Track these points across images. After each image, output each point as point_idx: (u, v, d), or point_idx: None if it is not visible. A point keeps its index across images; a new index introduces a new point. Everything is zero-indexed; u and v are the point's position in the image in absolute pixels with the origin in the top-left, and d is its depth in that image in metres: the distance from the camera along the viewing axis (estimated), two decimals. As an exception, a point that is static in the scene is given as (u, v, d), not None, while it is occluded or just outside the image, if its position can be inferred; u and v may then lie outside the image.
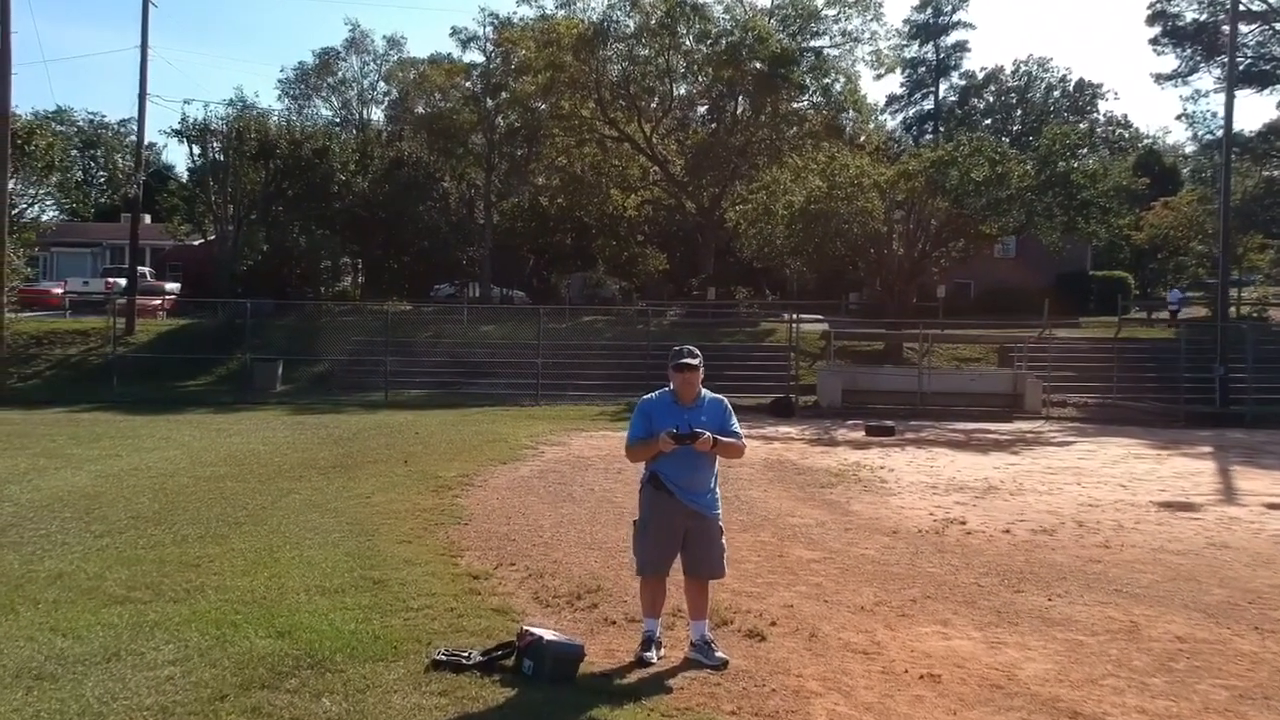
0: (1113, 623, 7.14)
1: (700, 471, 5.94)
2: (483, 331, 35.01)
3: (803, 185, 32.49)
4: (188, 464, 14.30)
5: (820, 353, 32.36)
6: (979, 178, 28.71)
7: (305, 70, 69.92)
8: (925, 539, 10.10)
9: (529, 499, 11.89)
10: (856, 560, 8.99)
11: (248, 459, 14.96)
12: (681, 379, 5.98)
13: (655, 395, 6.13)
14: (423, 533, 9.56)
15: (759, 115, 45.63)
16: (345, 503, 11.13)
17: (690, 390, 5.99)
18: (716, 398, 6.11)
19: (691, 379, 5.98)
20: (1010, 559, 9.22)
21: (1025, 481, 14.56)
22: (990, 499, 12.87)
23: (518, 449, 17.11)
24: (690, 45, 45.33)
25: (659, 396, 6.10)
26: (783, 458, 16.92)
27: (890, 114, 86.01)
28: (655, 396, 6.12)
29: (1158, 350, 32.66)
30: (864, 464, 16.24)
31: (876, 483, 14.17)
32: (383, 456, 15.51)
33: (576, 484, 13.22)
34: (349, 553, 8.51)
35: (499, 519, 10.53)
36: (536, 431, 19.99)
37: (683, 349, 6.07)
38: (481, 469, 14.34)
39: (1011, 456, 18.07)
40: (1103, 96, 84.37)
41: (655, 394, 6.15)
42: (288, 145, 37.09)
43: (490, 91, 46.26)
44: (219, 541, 8.93)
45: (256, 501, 11.13)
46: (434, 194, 44.62)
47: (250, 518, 10.13)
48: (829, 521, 10.95)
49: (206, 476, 13.05)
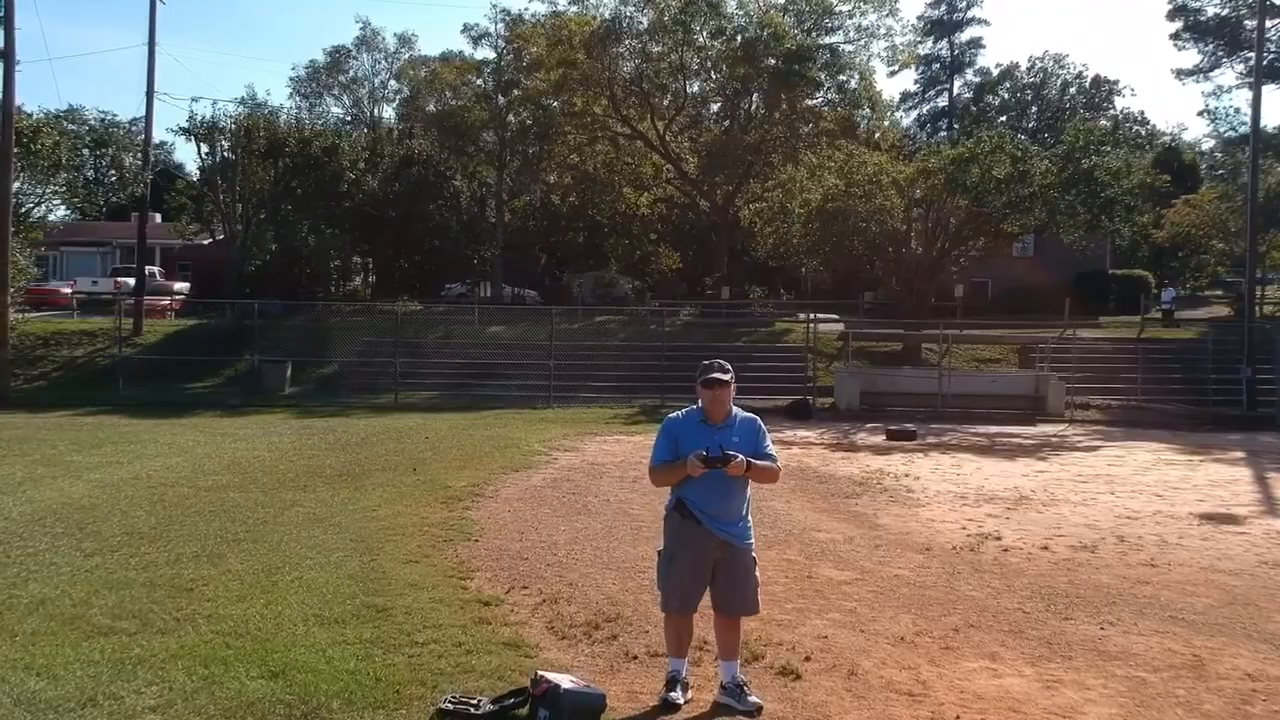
0: (1174, 656, 6.60)
1: (731, 498, 5.41)
2: (493, 332, 34.53)
3: (819, 183, 31.92)
4: (190, 472, 13.84)
5: (837, 353, 31.82)
6: (1000, 175, 28.07)
7: (317, 68, 69.50)
8: (960, 557, 9.56)
9: (542, 511, 11.39)
10: (890, 582, 8.46)
11: (252, 467, 14.50)
12: (711, 396, 5.43)
13: (682, 414, 5.61)
14: (430, 551, 9.06)
15: (773, 113, 45.05)
16: (350, 516, 10.64)
17: (720, 408, 5.45)
18: (749, 416, 5.58)
19: (722, 396, 5.44)
20: (1053, 580, 8.68)
21: (1057, 491, 14.01)
22: (1023, 511, 12.32)
23: (530, 455, 16.63)
24: (704, 42, 44.75)
25: (686, 415, 5.57)
26: (804, 464, 16.39)
27: (904, 111, 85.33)
28: (682, 415, 5.59)
29: (1182, 351, 32.01)
30: (888, 471, 15.71)
31: (903, 492, 13.63)
32: (391, 464, 15.04)
33: (591, 494, 12.72)
34: (351, 575, 8.02)
35: (511, 534, 10.03)
36: (549, 436, 19.51)
37: (712, 363, 5.51)
38: (492, 477, 13.85)
39: (1039, 463, 17.52)
40: (1119, 93, 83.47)
41: (682, 412, 5.62)
42: (296, 143, 36.64)
43: (502, 89, 45.77)
44: (215, 561, 8.44)
45: (258, 515, 10.65)
46: (445, 193, 44.08)
47: (250, 534, 9.65)
48: (857, 537, 10.42)
49: (208, 486, 12.59)
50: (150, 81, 32.59)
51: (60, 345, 31.62)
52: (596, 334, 34.30)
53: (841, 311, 40.70)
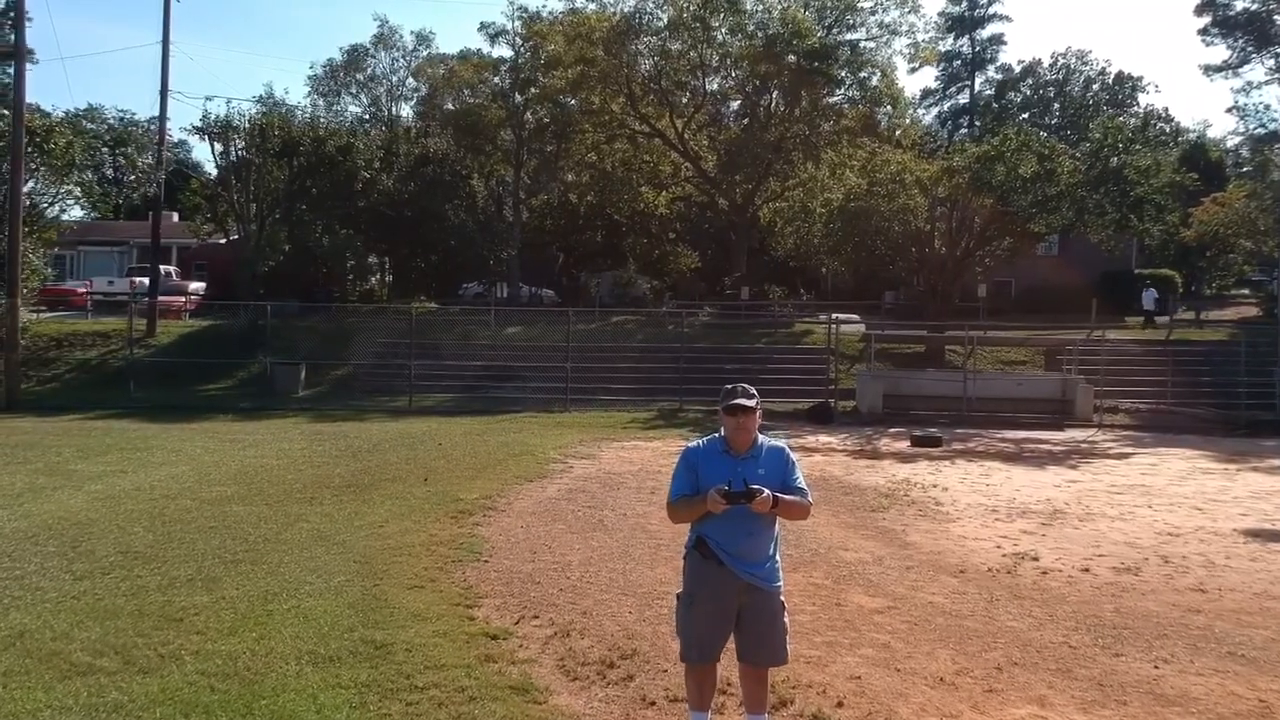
0: (1238, 701, 6.07)
1: (757, 536, 4.90)
2: (510, 333, 34.08)
3: (841, 182, 31.31)
4: (194, 483, 13.43)
5: (859, 355, 31.26)
6: (1027, 173, 27.40)
7: (335, 67, 69.22)
8: (997, 580, 9.04)
9: (556, 527, 10.92)
10: (925, 610, 7.95)
11: (258, 477, 14.08)
12: (735, 424, 4.92)
13: (702, 442, 5.11)
14: (437, 574, 8.59)
15: (794, 110, 44.44)
16: (355, 534, 10.19)
17: (745, 437, 4.95)
18: (777, 446, 5.07)
19: (747, 423, 4.93)
20: (1098, 608, 8.16)
21: (1092, 504, 13.45)
22: (1059, 526, 11.78)
23: (545, 463, 16.17)
24: (724, 39, 44.18)
25: (707, 444, 5.07)
26: (826, 473, 15.87)
27: (924, 109, 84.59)
28: (703, 444, 5.09)
29: (1212, 353, 31.30)
30: (914, 481, 15.18)
31: (931, 505, 13.11)
32: (401, 473, 14.60)
33: (607, 507, 12.24)
34: (352, 603, 7.55)
35: (523, 554, 9.56)
36: (565, 442, 19.05)
37: (736, 387, 5.00)
38: (506, 489, 13.39)
39: (1070, 472, 16.95)
40: (1143, 90, 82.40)
41: (702, 441, 5.13)
42: (311, 142, 36.22)
43: (519, 86, 45.27)
44: (210, 587, 8.00)
45: (259, 532, 10.21)
46: (461, 192, 43.59)
47: (250, 553, 9.21)
48: (886, 557, 9.90)
49: (211, 499, 12.17)
50: (164, 79, 32.30)
51: (73, 346, 31.35)
52: (614, 335, 33.81)
53: (862, 312, 40.10)
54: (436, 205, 40.65)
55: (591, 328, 33.91)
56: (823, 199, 31.35)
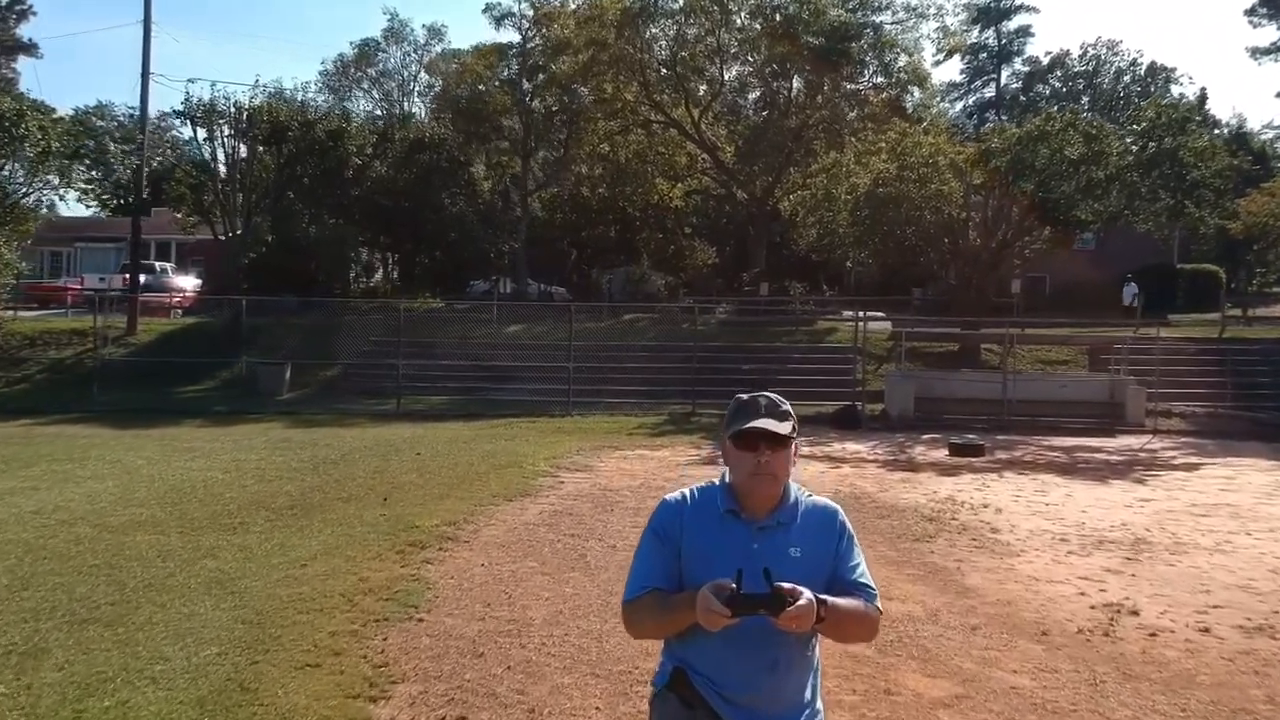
0: None
1: (785, 673, 2.70)
2: (512, 332, 31.94)
3: (868, 167, 29.00)
4: (109, 504, 11.34)
5: (887, 355, 29.00)
6: (1074, 155, 25.03)
7: (345, 62, 67.51)
8: (1093, 647, 6.83)
9: (525, 565, 8.77)
10: (1007, 701, 5.75)
11: (191, 495, 11.98)
12: (753, 464, 2.69)
13: (691, 494, 2.86)
14: (348, 641, 6.44)
15: (815, 96, 42.20)
16: (265, 577, 8.04)
17: (769, 489, 2.71)
18: (822, 505, 2.82)
19: (774, 464, 2.68)
20: (1240, 691, 5.96)
21: (1178, 530, 11.23)
22: (1148, 562, 9.56)
23: (533, 477, 14.04)
24: (743, 22, 41.98)
25: (700, 498, 2.83)
26: (858, 489, 13.69)
27: (949, 103, 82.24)
28: (691, 497, 2.84)
29: (1270, 352, 28.92)
30: (961, 500, 12.96)
31: (986, 532, 10.89)
32: (360, 491, 12.49)
33: (594, 535, 10.10)
34: (203, 698, 5.39)
35: (473, 606, 7.41)
36: (560, 451, 16.91)
37: (756, 398, 2.76)
38: (478, 510, 11.26)
39: (1138, 487, 14.70)
40: (1176, 81, 79.71)
41: (691, 492, 2.87)
42: (299, 126, 34.07)
43: (526, 73, 43.07)
44: (24, 665, 5.86)
45: (149, 573, 8.11)
46: (459, 180, 41.26)
47: (115, 608, 7.09)
48: (943, 610, 7.70)
49: (117, 525, 10.08)
50: (145, 63, 30.33)
51: (48, 345, 29.40)
52: (623, 334, 31.61)
53: (889, 309, 37.74)
54: (433, 194, 38.34)
55: (600, 326, 31.71)
56: (848, 185, 29.04)
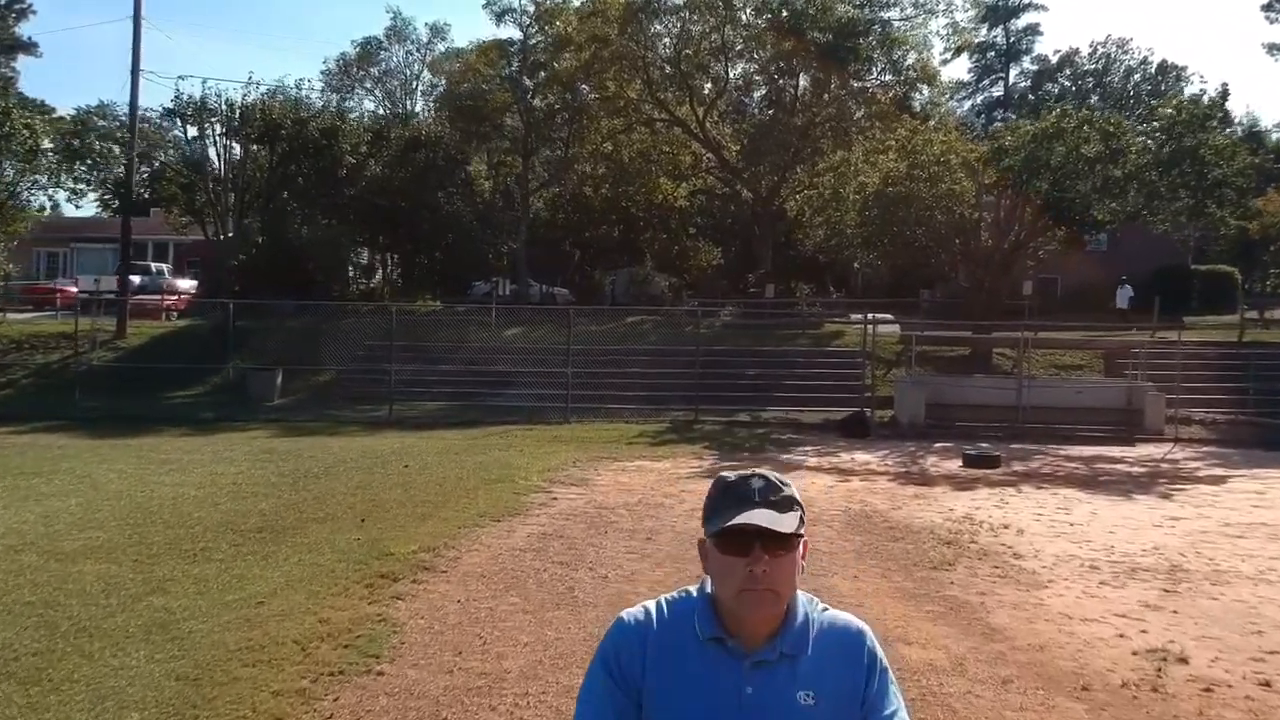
0: None
1: None
2: (510, 335, 31.13)
3: (877, 166, 28.13)
4: (67, 525, 10.57)
5: (896, 359, 28.18)
6: (1090, 153, 24.16)
7: (347, 61, 66.80)
8: (1141, 706, 6.02)
9: (506, 601, 7.98)
10: (1050, 780, 4.96)
11: (156, 516, 11.20)
12: (744, 574, 1.93)
13: (660, 610, 2.12)
14: (292, 703, 5.65)
15: (822, 94, 41.35)
16: (215, 619, 7.25)
17: (766, 611, 1.98)
18: (842, 626, 2.11)
19: (776, 575, 1.94)
20: (1319, 768, 5.16)
21: (1214, 554, 10.43)
22: (1189, 595, 8.74)
23: (524, 492, 13.27)
24: (748, 18, 41.13)
25: (671, 615, 2.10)
26: (868, 506, 12.89)
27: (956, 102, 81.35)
28: (659, 616, 2.11)
29: (1292, 357, 28.05)
30: (979, 519, 12.16)
31: (1009, 557, 10.08)
32: (339, 509, 11.71)
33: (586, 563, 9.31)
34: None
35: (442, 655, 6.61)
36: (556, 463, 16.14)
37: (744, 480, 2.01)
38: (461, 533, 10.48)
39: (1165, 504, 13.90)
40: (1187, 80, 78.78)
41: (660, 605, 2.13)
42: (293, 124, 33.23)
43: (528, 70, 42.20)
44: (-86, 736, 5.12)
45: (87, 612, 7.32)
46: (456, 179, 40.34)
47: (36, 659, 6.30)
48: (969, 657, 6.88)
49: (68, 552, 9.30)
50: (135, 59, 29.58)
51: (35, 349, 28.69)
52: (624, 337, 30.77)
53: (896, 311, 36.86)
54: (428, 193, 37.43)
55: (601, 329, 30.89)
56: (856, 184, 28.17)
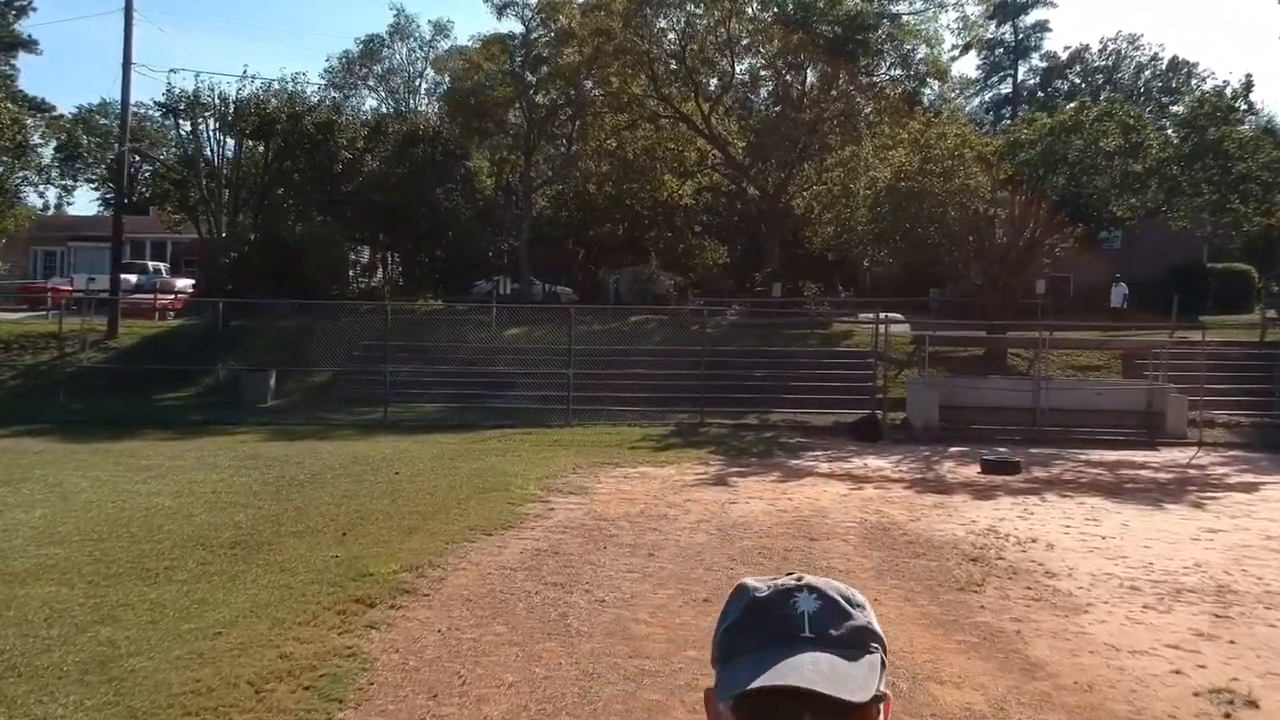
0: None
1: None
2: (509, 335, 30.34)
3: (887, 161, 27.30)
4: (26, 540, 9.84)
5: (908, 360, 27.35)
6: (1109, 147, 23.32)
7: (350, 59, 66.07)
8: (1214, 762, 5.26)
9: (493, 629, 7.22)
10: None
11: (124, 529, 10.46)
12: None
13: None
14: (236, 762, 4.91)
15: (830, 89, 40.51)
16: (164, 654, 6.49)
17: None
18: None
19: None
20: None
21: (1262, 572, 9.66)
22: (1242, 620, 7.96)
23: (519, 502, 12.51)
24: (754, 12, 40.31)
25: None
26: (886, 518, 12.11)
27: (965, 98, 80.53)
28: None
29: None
30: (1004, 531, 11.38)
31: (1041, 576, 9.29)
32: (321, 522, 10.96)
33: (581, 584, 8.54)
34: None
35: (415, 697, 5.85)
36: (554, 470, 15.37)
37: (782, 596, 1.18)
38: (449, 549, 9.72)
39: (1199, 513, 13.11)
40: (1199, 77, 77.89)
41: None
42: (287, 119, 32.43)
43: (529, 65, 41.34)
44: None
45: (23, 645, 6.58)
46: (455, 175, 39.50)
47: (-48, 704, 5.58)
48: (1010, 699, 6.10)
49: (21, 572, 8.56)
50: (127, 53, 28.78)
51: (24, 350, 27.97)
52: (628, 337, 29.92)
53: (907, 310, 35.97)
54: (426, 189, 36.59)
55: (605, 328, 30.09)
56: (867, 180, 27.34)
